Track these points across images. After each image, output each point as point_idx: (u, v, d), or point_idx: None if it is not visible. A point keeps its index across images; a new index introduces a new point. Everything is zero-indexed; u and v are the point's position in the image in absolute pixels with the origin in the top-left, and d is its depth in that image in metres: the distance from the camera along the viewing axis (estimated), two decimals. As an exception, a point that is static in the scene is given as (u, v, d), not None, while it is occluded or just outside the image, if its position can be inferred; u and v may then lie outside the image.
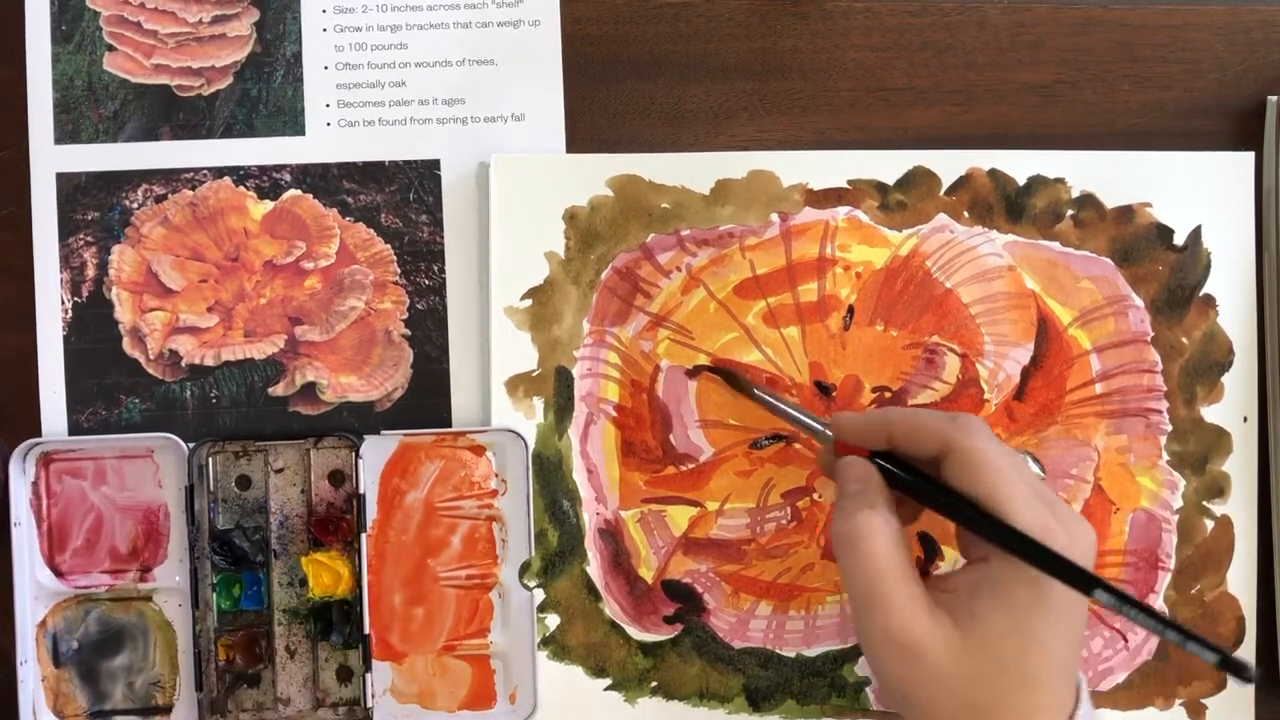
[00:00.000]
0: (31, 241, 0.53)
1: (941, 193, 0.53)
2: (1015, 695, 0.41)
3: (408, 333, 0.54)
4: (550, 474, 0.53)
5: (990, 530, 0.42)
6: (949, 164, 0.53)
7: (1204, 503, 0.53)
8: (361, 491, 0.52)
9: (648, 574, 0.53)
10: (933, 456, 0.44)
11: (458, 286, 0.54)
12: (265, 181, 0.54)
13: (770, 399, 0.50)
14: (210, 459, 0.53)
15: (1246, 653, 0.53)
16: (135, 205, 0.53)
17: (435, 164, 0.54)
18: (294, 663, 0.53)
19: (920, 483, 0.44)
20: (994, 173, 0.53)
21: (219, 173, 0.54)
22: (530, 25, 0.54)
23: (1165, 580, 0.53)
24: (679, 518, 0.53)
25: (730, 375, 0.52)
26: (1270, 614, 0.54)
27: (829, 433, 0.48)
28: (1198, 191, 0.53)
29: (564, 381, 0.53)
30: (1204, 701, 0.53)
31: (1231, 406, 0.53)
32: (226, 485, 0.53)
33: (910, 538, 0.46)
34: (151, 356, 0.53)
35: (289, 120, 0.54)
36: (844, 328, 0.53)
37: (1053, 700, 0.41)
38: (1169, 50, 0.54)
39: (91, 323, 0.53)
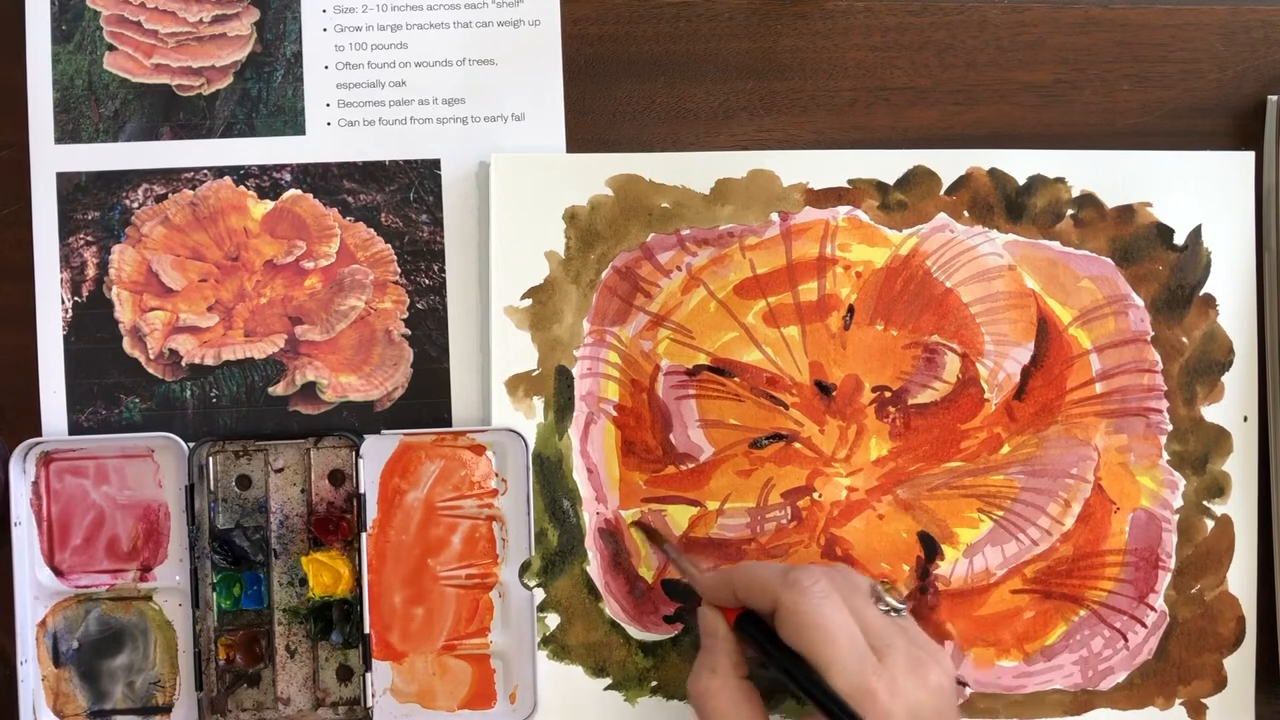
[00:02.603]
0: (32, 241, 0.53)
1: (942, 192, 0.53)
2: None
3: (408, 332, 0.54)
4: (550, 473, 0.53)
5: (809, 691, 0.42)
6: (949, 163, 0.53)
7: (1204, 502, 0.53)
8: (362, 491, 0.52)
9: (648, 573, 0.53)
10: (769, 612, 0.44)
11: (458, 286, 0.54)
12: (265, 181, 0.54)
13: (675, 557, 0.52)
14: (210, 458, 0.53)
15: (1247, 652, 0.53)
16: (135, 205, 0.53)
17: (435, 164, 0.54)
18: (294, 662, 0.53)
19: (762, 640, 0.45)
20: (994, 172, 0.53)
21: (219, 172, 0.54)
22: (530, 25, 0.54)
23: (1165, 580, 0.53)
24: (679, 517, 0.53)
25: (650, 531, 0.53)
26: (1270, 614, 0.53)
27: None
28: (1198, 191, 0.53)
29: (564, 381, 0.53)
30: (1204, 701, 0.53)
31: (1232, 406, 0.53)
32: (226, 485, 0.53)
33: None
34: (152, 356, 0.53)
35: (289, 120, 0.54)
36: (844, 327, 0.53)
37: None
38: (1169, 50, 0.54)
39: (92, 322, 0.53)
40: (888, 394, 0.53)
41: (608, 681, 0.53)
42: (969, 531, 0.53)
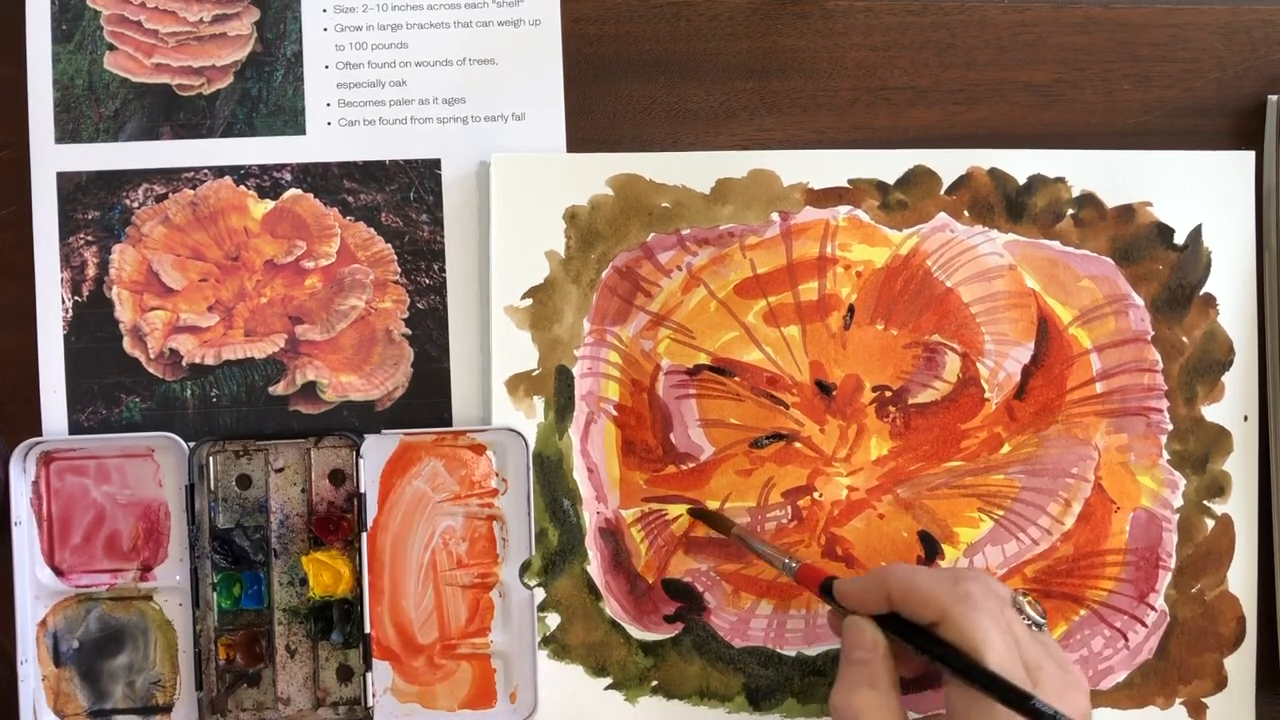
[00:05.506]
0: (32, 241, 0.53)
1: (942, 192, 0.53)
2: None
3: (408, 332, 0.54)
4: (551, 473, 0.53)
5: (975, 677, 0.42)
6: (949, 163, 0.53)
7: (1204, 502, 0.53)
8: (362, 490, 0.52)
9: (648, 573, 0.53)
10: (930, 622, 0.44)
11: (458, 286, 0.54)
12: (266, 181, 0.54)
13: (747, 539, 0.51)
14: (211, 458, 0.53)
15: (1247, 652, 0.53)
16: (136, 204, 0.53)
17: (436, 163, 0.54)
18: (294, 662, 0.53)
19: (922, 642, 0.44)
20: (994, 172, 0.53)
21: (219, 172, 0.54)
22: (530, 25, 0.54)
23: (1166, 579, 0.53)
24: (680, 517, 0.53)
25: (710, 516, 0.53)
26: (1270, 613, 0.53)
27: (793, 566, 0.50)
28: (1198, 191, 0.54)
29: (564, 381, 0.53)
30: (1204, 700, 0.53)
31: (1232, 405, 0.53)
32: (227, 484, 0.53)
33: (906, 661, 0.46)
34: (152, 356, 0.53)
35: (289, 119, 0.54)
36: (844, 327, 0.53)
37: None
38: (1169, 49, 0.54)
39: (92, 322, 0.53)
40: (888, 393, 0.53)
41: (608, 681, 0.53)
42: (969, 531, 0.53)
